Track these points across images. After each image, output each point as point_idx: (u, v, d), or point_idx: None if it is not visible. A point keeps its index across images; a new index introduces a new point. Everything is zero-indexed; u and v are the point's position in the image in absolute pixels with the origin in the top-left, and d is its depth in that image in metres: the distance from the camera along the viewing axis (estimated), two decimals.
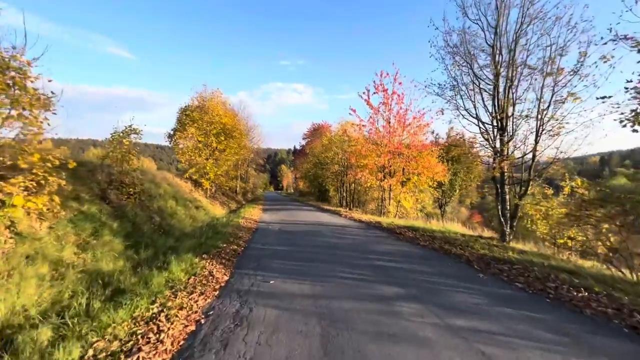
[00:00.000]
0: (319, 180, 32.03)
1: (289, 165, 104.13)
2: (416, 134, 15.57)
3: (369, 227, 11.36)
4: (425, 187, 16.56)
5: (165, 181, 14.79)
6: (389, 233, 9.69)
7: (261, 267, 5.44)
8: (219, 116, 18.78)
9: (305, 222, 12.58)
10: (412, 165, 15.59)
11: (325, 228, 10.62)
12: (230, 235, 8.59)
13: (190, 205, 13.60)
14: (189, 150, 18.44)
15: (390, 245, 7.64)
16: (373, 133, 16.04)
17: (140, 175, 10.62)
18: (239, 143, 21.29)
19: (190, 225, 10.88)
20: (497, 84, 8.80)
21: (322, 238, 8.52)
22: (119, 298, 3.64)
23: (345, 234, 9.46)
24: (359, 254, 6.49)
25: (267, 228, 10.57)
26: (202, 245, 7.09)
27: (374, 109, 16.25)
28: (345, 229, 10.46)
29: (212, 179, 19.21)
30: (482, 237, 9.20)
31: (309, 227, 11.00)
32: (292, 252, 6.63)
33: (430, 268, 5.39)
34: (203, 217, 13.15)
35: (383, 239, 8.65)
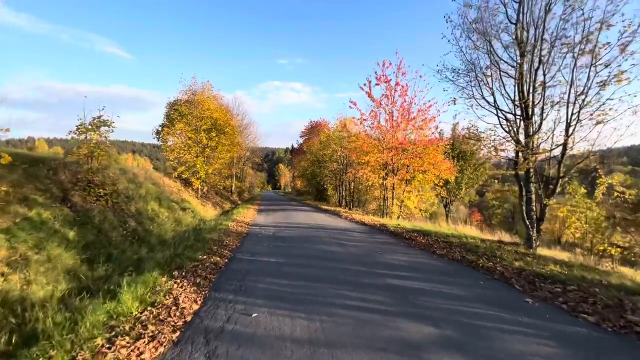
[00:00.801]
0: (316, 179, 30.87)
1: (286, 164, 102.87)
2: (421, 128, 14.43)
3: (373, 230, 10.21)
4: (431, 185, 15.44)
5: (150, 180, 13.58)
6: (397, 238, 8.54)
7: (244, 288, 4.26)
8: (210, 111, 17.52)
9: (302, 225, 11.41)
10: (416, 162, 14.45)
11: (325, 232, 9.46)
12: (215, 242, 7.40)
13: (176, 207, 12.38)
14: (178, 148, 17.19)
15: (403, 254, 6.48)
16: (375, 127, 14.89)
17: (112, 174, 9.41)
18: (232, 140, 20.06)
19: (172, 230, 9.67)
20: (521, 66, 7.65)
21: (321, 246, 7.35)
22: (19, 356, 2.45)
23: (348, 240, 8.30)
24: (367, 268, 5.33)
25: (259, 233, 9.38)
26: (178, 257, 5.89)
27: (376, 101, 15.09)
28: (347, 234, 9.29)
29: (203, 178, 17.97)
30: (503, 243, 8.08)
31: (306, 231, 9.82)
32: (285, 267, 5.45)
33: (460, 289, 4.23)
34: (189, 220, 11.94)
35: (392, 246, 7.49)
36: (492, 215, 57.14)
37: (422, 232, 9.22)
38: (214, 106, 17.92)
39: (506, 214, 54.19)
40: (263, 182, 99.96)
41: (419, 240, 8.00)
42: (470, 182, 18.93)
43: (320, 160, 26.56)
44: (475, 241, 7.65)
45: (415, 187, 14.87)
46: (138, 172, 12.92)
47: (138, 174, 12.73)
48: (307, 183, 36.87)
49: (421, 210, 16.38)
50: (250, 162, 44.78)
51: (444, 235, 8.55)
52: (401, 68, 14.45)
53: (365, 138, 15.08)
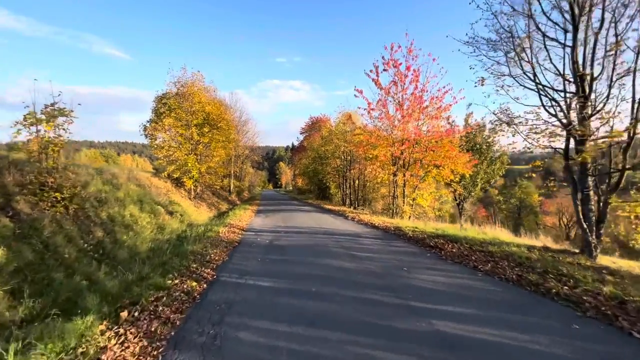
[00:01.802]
0: (318, 177, 29.37)
1: (287, 163, 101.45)
2: (436, 117, 12.90)
3: (388, 235, 8.72)
4: (447, 181, 13.92)
5: (134, 181, 12.11)
6: (420, 246, 7.04)
7: (219, 344, 2.80)
8: (201, 104, 16.02)
9: (304, 229, 9.93)
10: (430, 155, 12.93)
11: (331, 239, 7.97)
12: (196, 257, 5.93)
13: (161, 211, 10.91)
14: (167, 145, 15.72)
15: (436, 271, 4.98)
16: (384, 118, 13.34)
17: (77, 174, 7.96)
18: (227, 136, 18.56)
19: (151, 239, 8.21)
20: (576, 29, 6.10)
21: (329, 260, 5.86)
22: None
23: (360, 249, 6.81)
24: (396, 296, 3.85)
25: (254, 242, 7.91)
26: (141, 282, 4.43)
27: (384, 89, 13.55)
28: (358, 241, 7.80)
29: (196, 178, 16.51)
30: (550, 250, 6.58)
31: (309, 238, 8.34)
32: (283, 296, 3.98)
33: (551, 342, 2.74)
34: (175, 226, 10.48)
35: (417, 258, 6.00)
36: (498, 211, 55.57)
37: (447, 237, 7.72)
38: (205, 99, 16.40)
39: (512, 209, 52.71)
40: (264, 181, 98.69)
41: (448, 248, 6.51)
42: (486, 178, 17.44)
43: (322, 157, 25.04)
44: (520, 250, 6.14)
45: (430, 183, 13.37)
46: (118, 172, 11.46)
47: (118, 174, 11.27)
48: (308, 181, 35.38)
49: (434, 209, 14.88)
50: (249, 160, 43.37)
51: (477, 242, 7.05)
52: (412, 50, 12.91)
53: (373, 130, 13.54)
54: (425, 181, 13.27)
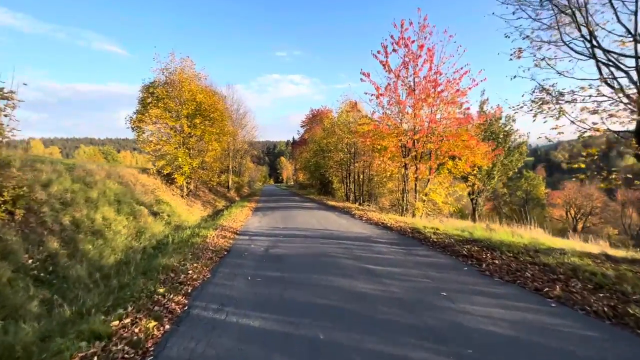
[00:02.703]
0: (320, 171, 28.01)
1: (288, 157, 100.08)
2: (453, 102, 11.44)
3: (405, 239, 7.38)
4: (465, 174, 12.53)
5: (115, 178, 10.80)
6: (449, 255, 5.70)
7: None
8: (191, 92, 14.60)
9: (306, 231, 8.61)
10: (446, 145, 11.52)
11: (339, 246, 6.64)
12: (168, 276, 4.62)
13: (143, 213, 9.60)
14: (155, 138, 14.38)
15: (489, 300, 3.62)
16: (394, 104, 11.88)
17: (32, 171, 6.64)
18: (221, 128, 17.16)
19: (124, 248, 6.90)
20: None
21: (338, 278, 4.53)
22: None
23: (377, 261, 5.47)
24: (449, 353, 2.52)
25: (246, 249, 6.60)
26: (72, 325, 3.12)
27: (394, 72, 12.06)
28: (372, 247, 6.46)
29: (188, 174, 15.18)
30: (611, 259, 5.23)
31: (312, 243, 7.02)
32: (275, 352, 2.65)
33: None
34: (159, 229, 9.18)
35: (452, 273, 4.65)
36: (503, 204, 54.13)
37: (479, 242, 6.37)
38: (196, 87, 14.97)
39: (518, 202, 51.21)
40: (265, 176, 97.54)
41: (487, 259, 5.16)
42: (503, 170, 16.02)
43: (325, 150, 23.64)
44: (583, 261, 4.78)
45: (446, 177, 11.98)
46: (95, 169, 10.13)
47: (94, 170, 9.94)
48: (310, 176, 34.03)
49: (449, 205, 13.52)
50: (249, 155, 42.03)
51: (518, 248, 5.69)
52: (426, 27, 11.39)
53: (382, 118, 12.10)
54: (441, 174, 11.89)
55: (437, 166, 11.51)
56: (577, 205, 50.19)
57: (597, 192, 49.45)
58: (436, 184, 13.24)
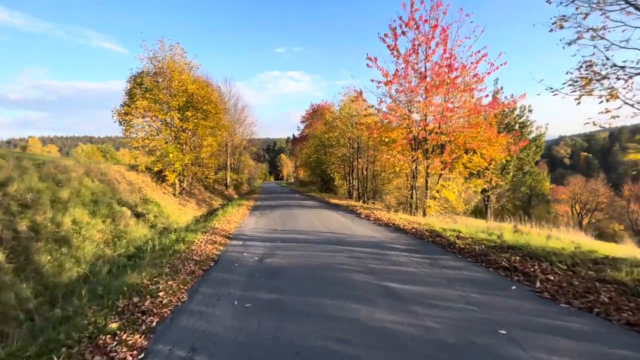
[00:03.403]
0: (321, 167, 26.91)
1: (288, 154, 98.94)
2: (471, 89, 10.31)
3: (425, 244, 6.30)
4: (481, 169, 11.42)
5: (96, 176, 9.74)
6: (484, 266, 4.61)
7: None
8: (182, 82, 13.48)
9: (308, 235, 7.54)
10: (462, 137, 10.41)
11: (348, 255, 5.57)
12: (130, 303, 3.56)
13: (125, 215, 8.53)
14: (143, 132, 13.30)
15: (575, 347, 2.52)
16: (406, 91, 10.73)
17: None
18: (216, 121, 16.04)
19: (92, 257, 5.84)
20: None
21: (353, 304, 3.46)
22: None
23: (397, 276, 4.40)
24: None
25: (237, 259, 5.55)
26: None
27: (404, 57, 10.91)
28: (388, 257, 5.38)
29: (180, 171, 14.11)
30: None
31: (316, 251, 5.95)
32: None
33: None
34: (140, 232, 8.12)
35: (500, 295, 3.57)
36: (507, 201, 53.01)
37: (517, 249, 5.30)
38: (187, 77, 13.84)
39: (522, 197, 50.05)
40: (265, 173, 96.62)
41: (537, 273, 4.09)
42: (519, 164, 14.90)
43: (326, 145, 22.52)
44: None
45: (462, 172, 10.89)
46: (71, 165, 9.07)
47: (70, 167, 8.88)
48: (310, 172, 32.93)
49: (460, 202, 12.44)
50: (248, 151, 40.95)
51: (566, 256, 4.62)
52: (440, 5, 10.23)
53: (391, 107, 10.96)
54: (455, 170, 10.79)
55: (452, 161, 10.41)
56: (582, 201, 49.17)
57: (603, 187, 48.43)
58: (449, 180, 12.15)
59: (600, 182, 48.69)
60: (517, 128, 14.23)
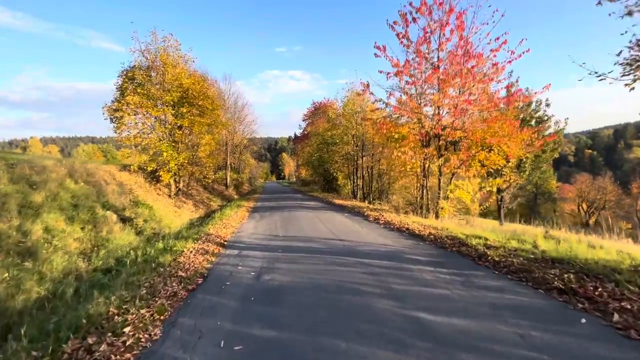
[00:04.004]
0: (324, 167, 26.04)
1: (289, 153, 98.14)
2: (489, 79, 9.41)
3: (449, 255, 5.42)
4: (499, 167, 10.50)
5: (81, 177, 8.95)
6: (533, 287, 3.73)
7: None
8: (176, 76, 12.64)
9: (313, 242, 6.69)
10: (480, 132, 9.51)
11: (362, 269, 4.71)
12: (81, 345, 2.72)
13: (109, 220, 7.71)
14: (135, 129, 12.49)
15: None
16: (421, 81, 9.79)
17: None
18: (213, 118, 15.20)
19: (61, 273, 5.02)
20: None
21: (378, 348, 2.61)
22: None
23: (428, 301, 3.53)
24: None
25: (230, 274, 4.70)
26: None
27: (416, 46, 10.02)
28: (410, 273, 4.51)
29: (175, 170, 13.30)
30: None
31: (323, 264, 5.09)
32: None
33: None
34: (125, 240, 7.29)
35: (566, 331, 2.70)
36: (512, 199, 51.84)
37: (565, 263, 4.42)
38: (182, 70, 13.00)
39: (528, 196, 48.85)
40: (266, 173, 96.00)
41: (605, 297, 3.22)
42: (536, 162, 13.99)
43: (329, 143, 21.65)
44: None
45: (478, 170, 9.99)
46: (49, 165, 8.25)
47: (48, 167, 8.06)
48: (313, 171, 32.07)
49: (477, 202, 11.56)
50: (248, 150, 40.14)
51: (635, 274, 3.75)
52: None
53: (400, 101, 10.03)
54: (472, 168, 9.88)
55: (468, 158, 9.50)
56: (589, 200, 48.08)
57: (611, 185, 47.29)
58: (462, 180, 11.26)
59: (608, 180, 47.60)
60: (534, 124, 13.33)
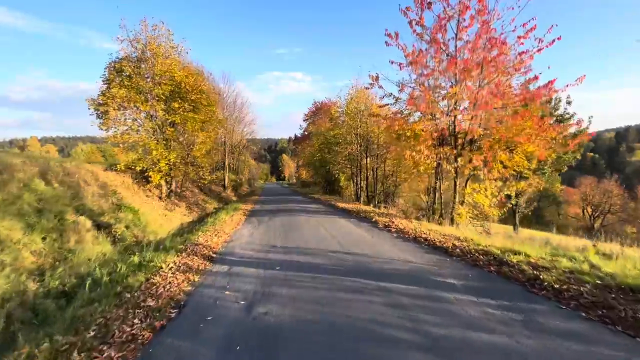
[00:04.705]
0: (326, 168, 25.01)
1: (290, 154, 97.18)
2: (517, 69, 8.38)
3: (487, 277, 4.36)
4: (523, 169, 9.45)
5: (55, 177, 7.93)
6: (633, 338, 2.70)
7: None
8: (167, 68, 11.62)
9: (318, 257, 5.63)
10: (504, 130, 8.47)
11: (382, 297, 3.67)
12: None
13: (79, 227, 6.65)
14: (121, 125, 11.47)
15: None
16: (437, 71, 8.76)
17: None
18: (209, 115, 14.17)
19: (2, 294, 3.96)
20: None
21: None
22: None
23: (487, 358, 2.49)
24: None
25: (215, 302, 3.65)
26: None
27: (432, 33, 9.00)
28: (447, 305, 3.45)
29: (166, 170, 12.25)
30: None
31: (333, 290, 4.02)
32: None
33: None
34: (97, 250, 6.23)
35: None
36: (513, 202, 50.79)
37: None
38: (174, 62, 11.97)
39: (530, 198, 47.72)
40: (266, 174, 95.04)
41: None
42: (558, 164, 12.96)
43: (332, 143, 20.62)
44: None
45: (501, 172, 8.92)
46: (17, 164, 7.20)
47: (15, 166, 7.03)
48: (314, 172, 31.06)
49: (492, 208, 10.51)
50: (248, 150, 39.15)
51: None
52: None
53: (415, 94, 8.96)
54: (494, 169, 8.81)
55: (492, 158, 8.44)
56: (594, 203, 47.07)
57: (617, 189, 46.26)
58: (480, 182, 10.21)
59: (613, 183, 46.63)
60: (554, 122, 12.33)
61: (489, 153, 8.46)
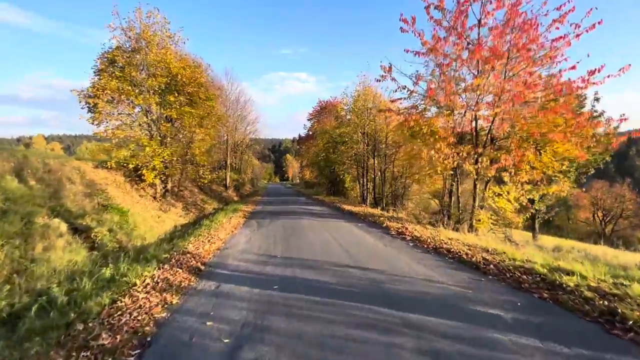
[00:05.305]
0: (330, 168, 24.10)
1: (293, 154, 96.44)
2: (551, 57, 7.40)
3: (548, 311, 3.41)
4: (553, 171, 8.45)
5: (37, 174, 7.16)
6: None
7: None
8: (162, 58, 10.81)
9: (325, 272, 4.73)
10: (534, 126, 7.49)
11: (413, 338, 2.76)
12: None
13: (50, 231, 5.82)
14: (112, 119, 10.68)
15: None
16: (458, 64, 7.76)
17: None
18: (208, 110, 13.34)
19: None
20: None
21: None
22: None
23: None
24: None
25: (189, 341, 2.75)
26: None
27: (453, 19, 8.06)
28: (504, 356, 2.56)
29: (160, 168, 11.44)
30: None
31: (347, 326, 3.11)
32: None
33: None
34: (68, 259, 5.39)
35: None
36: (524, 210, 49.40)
37: None
38: (170, 53, 11.16)
39: None
40: (270, 174, 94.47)
41: None
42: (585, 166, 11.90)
43: (338, 142, 19.70)
44: None
45: (530, 174, 7.92)
46: None
47: None
48: (318, 173, 30.15)
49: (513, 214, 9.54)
50: (251, 150, 38.41)
51: None
52: None
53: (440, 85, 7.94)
54: (522, 172, 7.82)
55: (521, 158, 7.44)
56: (605, 208, 45.54)
57: (630, 193, 44.69)
58: (503, 185, 9.24)
59: (626, 188, 45.10)
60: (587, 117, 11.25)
61: (518, 152, 7.48)
